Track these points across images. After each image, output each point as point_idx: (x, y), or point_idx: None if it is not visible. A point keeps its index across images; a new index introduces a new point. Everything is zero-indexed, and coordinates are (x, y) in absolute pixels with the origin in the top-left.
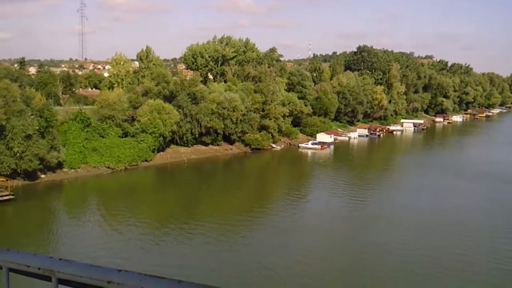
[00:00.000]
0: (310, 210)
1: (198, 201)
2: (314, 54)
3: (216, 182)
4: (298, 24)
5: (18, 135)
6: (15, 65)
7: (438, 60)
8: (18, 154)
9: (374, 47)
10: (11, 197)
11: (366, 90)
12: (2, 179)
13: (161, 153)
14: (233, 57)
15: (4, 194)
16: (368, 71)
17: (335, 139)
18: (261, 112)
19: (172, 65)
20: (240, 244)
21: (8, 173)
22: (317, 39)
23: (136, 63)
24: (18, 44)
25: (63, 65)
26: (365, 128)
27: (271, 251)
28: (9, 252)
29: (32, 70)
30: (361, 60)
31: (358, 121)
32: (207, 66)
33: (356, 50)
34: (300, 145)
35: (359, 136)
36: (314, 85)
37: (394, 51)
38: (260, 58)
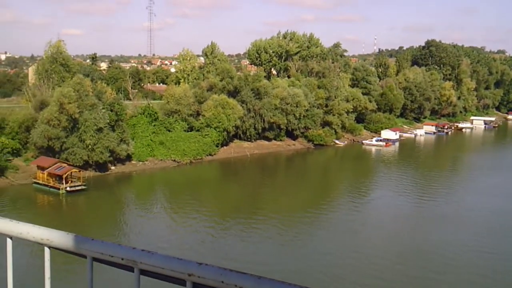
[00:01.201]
0: (374, 208)
1: (261, 195)
2: (379, 49)
3: (279, 177)
4: (364, 18)
5: (90, 128)
6: (87, 61)
7: (511, 55)
8: (90, 146)
9: (443, 42)
10: (83, 187)
11: (434, 86)
12: (75, 170)
13: (225, 147)
14: (297, 53)
15: (77, 184)
16: (436, 67)
17: (400, 136)
18: (324, 108)
19: (236, 61)
20: (303, 240)
21: (80, 165)
22: (383, 33)
23: (202, 58)
24: (90, 40)
25: (132, 61)
26: (432, 125)
27: (334, 249)
28: (94, 242)
29: (103, 65)
30: (429, 55)
31: (425, 117)
32: (270, 61)
33: (424, 44)
34: (364, 141)
35: (425, 133)
36: (379, 81)
37: (464, 46)
38: (324, 53)
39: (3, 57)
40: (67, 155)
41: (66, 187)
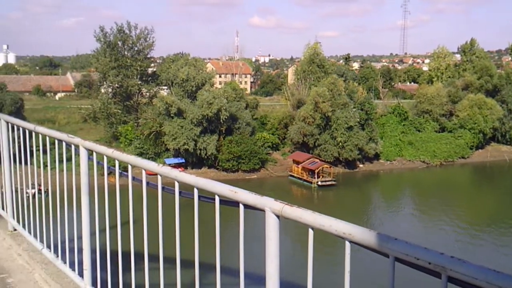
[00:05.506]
0: None
1: None
2: None
3: None
4: None
5: (341, 126)
6: (340, 61)
7: None
8: (340, 144)
9: None
10: (333, 182)
11: None
12: (326, 165)
13: (480, 150)
14: None
15: (327, 179)
16: None
17: None
18: None
19: (496, 57)
20: None
21: (331, 161)
22: None
23: (457, 56)
24: (344, 41)
25: (383, 60)
26: None
27: None
28: (398, 242)
29: (355, 65)
30: None
31: None
32: None
33: None
34: None
35: None
36: None
37: None
38: None
39: (266, 59)
40: (319, 151)
41: (317, 182)
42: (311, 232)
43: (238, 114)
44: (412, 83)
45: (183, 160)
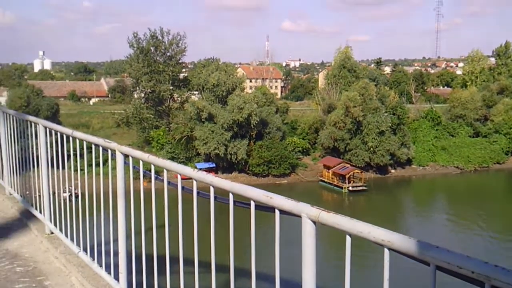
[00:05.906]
0: None
1: None
2: None
3: None
4: None
5: (373, 131)
6: (372, 65)
7: None
8: (371, 149)
9: None
10: (364, 187)
11: None
12: (357, 170)
13: None
14: None
15: (358, 184)
16: None
17: None
18: None
19: None
20: None
21: (362, 166)
22: None
23: (492, 59)
24: (375, 45)
25: (415, 64)
26: None
27: None
28: (440, 250)
29: (387, 69)
30: None
31: None
32: None
33: None
34: None
35: None
36: None
37: None
38: None
39: (297, 64)
40: (350, 156)
41: (348, 187)
42: (348, 239)
43: (269, 119)
44: (446, 87)
45: (214, 165)
